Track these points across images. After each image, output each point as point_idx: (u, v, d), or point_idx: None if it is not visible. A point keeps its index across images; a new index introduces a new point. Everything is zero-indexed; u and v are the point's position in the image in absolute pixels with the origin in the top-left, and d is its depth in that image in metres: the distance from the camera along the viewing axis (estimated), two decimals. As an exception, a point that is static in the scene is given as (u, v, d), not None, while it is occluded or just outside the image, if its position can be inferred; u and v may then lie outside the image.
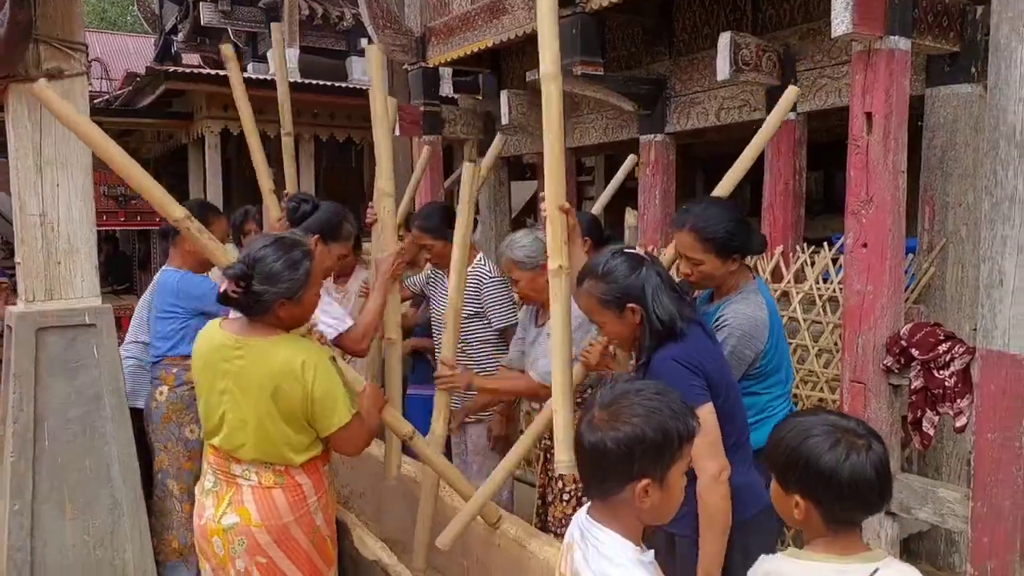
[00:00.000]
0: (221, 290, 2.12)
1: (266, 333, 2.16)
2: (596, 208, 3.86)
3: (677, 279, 2.74)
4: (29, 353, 2.85)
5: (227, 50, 3.48)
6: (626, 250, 2.12)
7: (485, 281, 3.39)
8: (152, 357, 3.34)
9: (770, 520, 2.10)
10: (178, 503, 3.25)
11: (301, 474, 2.22)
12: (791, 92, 2.68)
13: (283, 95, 3.59)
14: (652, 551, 1.44)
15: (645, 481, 1.35)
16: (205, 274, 3.36)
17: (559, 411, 2.22)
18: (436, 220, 3.50)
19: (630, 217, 4.05)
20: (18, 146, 2.86)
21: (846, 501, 1.44)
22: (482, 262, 3.46)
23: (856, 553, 1.46)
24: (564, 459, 2.24)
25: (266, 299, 2.11)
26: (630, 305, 2.02)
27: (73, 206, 2.92)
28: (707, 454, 1.91)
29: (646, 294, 2.01)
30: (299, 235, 2.34)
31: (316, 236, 2.81)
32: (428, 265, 3.85)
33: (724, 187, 2.60)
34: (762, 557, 1.57)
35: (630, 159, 4.12)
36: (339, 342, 2.67)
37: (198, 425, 3.14)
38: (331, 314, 2.67)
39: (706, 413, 1.92)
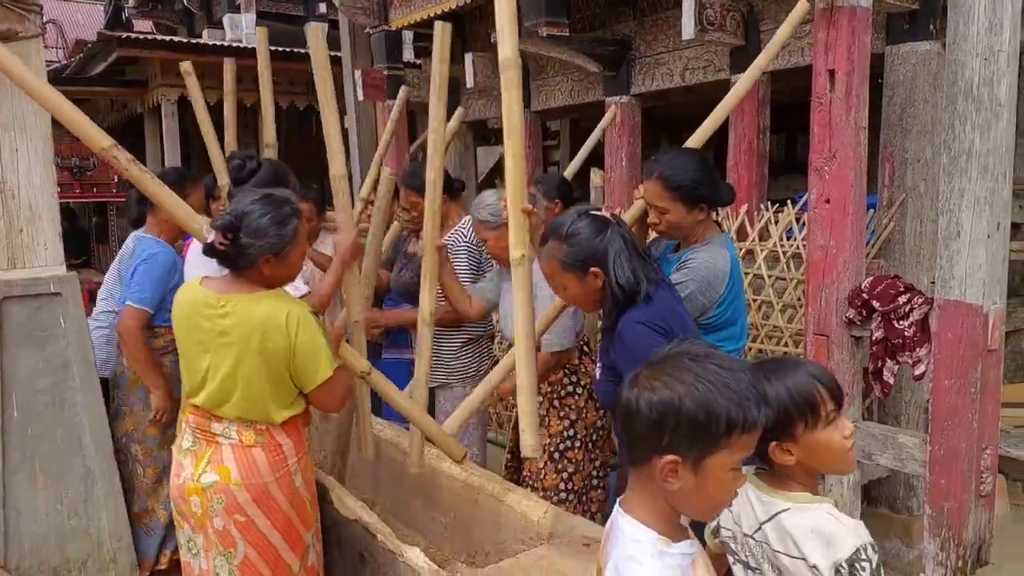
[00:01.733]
0: (208, 241, 2.11)
1: (249, 290, 2.16)
2: (568, 171, 3.88)
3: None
4: (-7, 323, 2.81)
5: (185, 66, 3.50)
6: (591, 211, 2.11)
7: (456, 243, 3.40)
8: None
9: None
10: (140, 467, 3.23)
11: (282, 434, 2.23)
12: (802, 5, 2.65)
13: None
14: (687, 541, 1.25)
15: (671, 457, 1.16)
16: (179, 242, 3.32)
17: (523, 395, 2.25)
18: (424, 177, 3.46)
19: (595, 177, 4.10)
20: (-27, 111, 2.79)
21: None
22: (465, 225, 3.46)
23: (782, 490, 1.51)
24: (530, 442, 2.28)
25: (251, 253, 2.11)
26: (593, 269, 2.02)
27: (34, 172, 2.87)
28: None
29: (609, 257, 2.00)
30: (288, 193, 2.32)
31: None
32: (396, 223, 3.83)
33: (709, 125, 2.64)
34: None
35: (609, 113, 4.15)
36: None
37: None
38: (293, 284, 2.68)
39: None
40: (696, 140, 2.64)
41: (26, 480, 2.88)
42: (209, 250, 2.13)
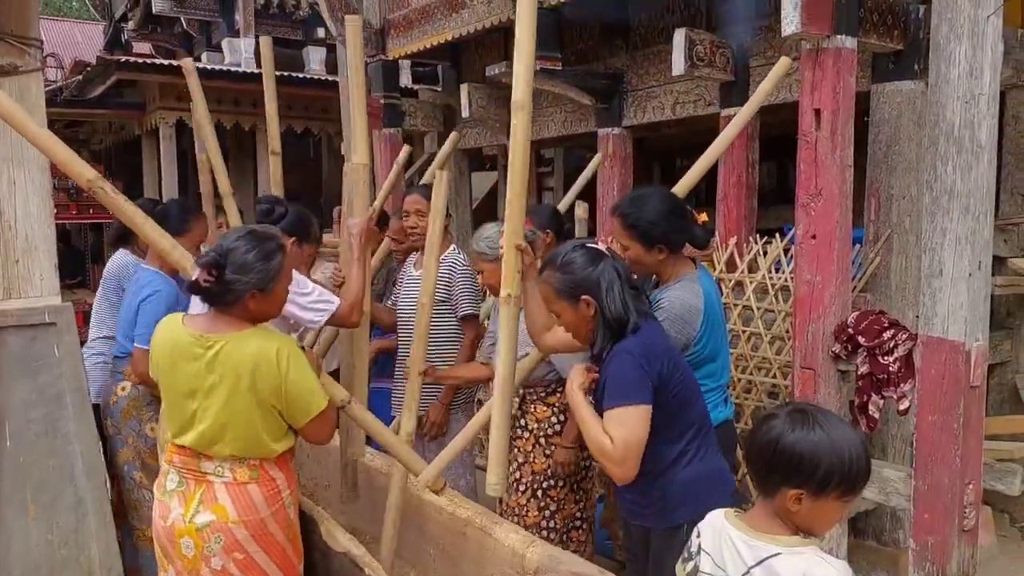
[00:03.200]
0: (193, 279, 2.10)
1: (236, 327, 2.14)
2: (562, 206, 3.97)
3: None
4: (-12, 353, 2.83)
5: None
6: (587, 244, 2.18)
7: (457, 268, 3.43)
8: (117, 351, 3.28)
9: (743, 503, 2.19)
10: (147, 493, 3.22)
11: (274, 468, 2.22)
12: (783, 63, 2.76)
13: (271, 113, 3.53)
14: None
15: None
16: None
17: (496, 432, 2.26)
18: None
19: (579, 210, 4.17)
20: (-29, 144, 2.83)
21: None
22: (455, 251, 3.51)
23: (772, 533, 1.50)
24: (493, 481, 2.29)
25: (237, 288, 2.09)
26: (584, 297, 2.08)
27: (31, 203, 2.90)
28: (622, 452, 1.94)
29: (600, 288, 2.06)
30: (272, 229, 2.34)
31: (292, 238, 2.88)
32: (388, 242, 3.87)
33: (693, 176, 2.73)
34: (717, 511, 1.64)
35: (596, 158, 4.26)
36: (332, 321, 2.67)
37: (157, 423, 3.14)
38: (316, 297, 2.63)
39: (639, 413, 1.96)
40: (682, 189, 2.69)
41: (17, 509, 2.87)
42: (194, 287, 2.10)
